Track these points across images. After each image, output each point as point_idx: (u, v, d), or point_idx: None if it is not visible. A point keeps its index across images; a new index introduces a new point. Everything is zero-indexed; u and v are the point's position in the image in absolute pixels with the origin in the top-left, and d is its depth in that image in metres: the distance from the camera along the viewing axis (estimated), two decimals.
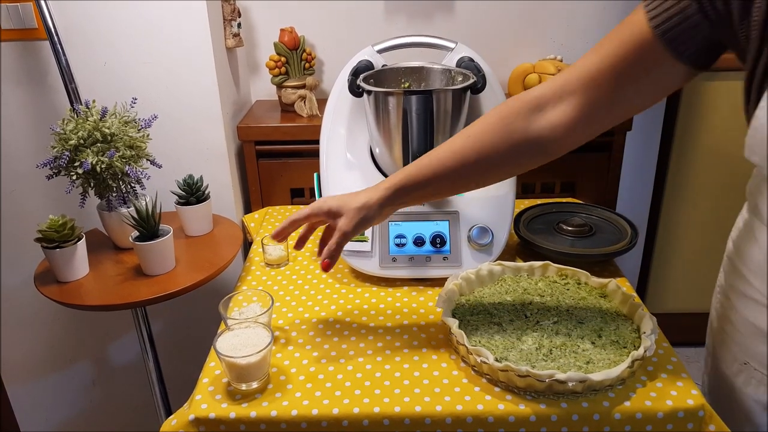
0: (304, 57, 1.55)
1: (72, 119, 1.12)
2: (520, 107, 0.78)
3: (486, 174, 0.82)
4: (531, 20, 1.62)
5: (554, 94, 0.76)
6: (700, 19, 0.66)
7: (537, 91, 0.78)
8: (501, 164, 0.81)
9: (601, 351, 0.84)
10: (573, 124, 0.76)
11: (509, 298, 0.97)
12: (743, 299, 0.83)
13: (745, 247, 0.83)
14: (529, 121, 0.77)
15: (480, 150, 0.79)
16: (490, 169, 0.81)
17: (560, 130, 0.77)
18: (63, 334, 1.60)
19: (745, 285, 0.83)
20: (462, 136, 0.81)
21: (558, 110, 0.76)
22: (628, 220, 1.19)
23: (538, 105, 0.77)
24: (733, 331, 0.86)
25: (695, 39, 0.68)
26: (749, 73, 0.67)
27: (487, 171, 0.82)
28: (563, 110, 0.76)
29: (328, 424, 0.79)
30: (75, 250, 1.10)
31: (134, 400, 1.71)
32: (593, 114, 0.75)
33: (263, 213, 1.41)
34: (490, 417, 0.78)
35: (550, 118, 0.77)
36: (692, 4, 0.66)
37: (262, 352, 0.81)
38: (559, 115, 0.76)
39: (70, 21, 1.28)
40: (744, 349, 0.83)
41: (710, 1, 0.65)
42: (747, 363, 0.83)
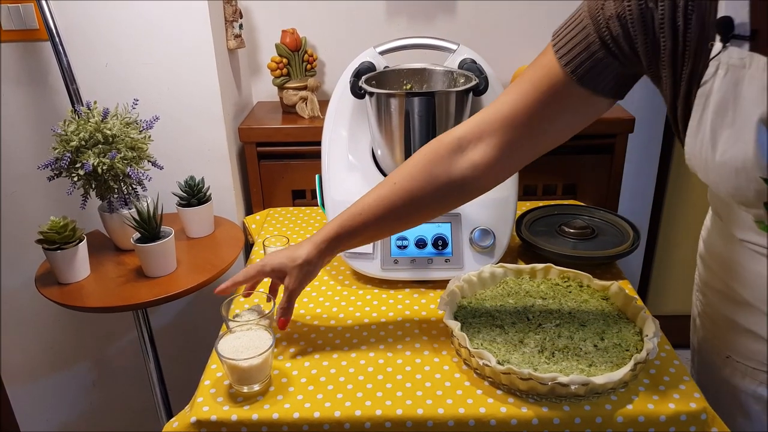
0: (305, 58, 1.54)
1: (73, 120, 1.12)
2: (442, 150, 0.80)
3: (414, 216, 0.85)
4: (533, 21, 1.62)
5: (473, 135, 0.78)
6: (610, 59, 0.69)
7: (458, 131, 0.80)
8: (428, 206, 0.83)
9: (604, 354, 0.84)
10: (493, 163, 0.78)
11: (511, 300, 0.97)
12: (718, 296, 0.86)
13: (713, 246, 0.86)
14: (451, 163, 0.79)
15: (406, 195, 0.81)
16: (418, 212, 0.84)
17: (481, 169, 0.78)
18: (63, 336, 1.60)
19: (718, 282, 0.86)
20: (389, 182, 0.83)
21: (478, 150, 0.78)
22: (630, 222, 1.19)
23: (459, 146, 0.79)
24: (712, 326, 0.89)
25: (608, 76, 0.70)
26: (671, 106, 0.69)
27: (415, 213, 0.84)
28: (483, 150, 0.78)
29: (329, 426, 0.79)
30: (76, 251, 1.10)
31: (135, 401, 1.70)
32: (513, 152, 0.77)
33: (264, 214, 1.41)
34: (493, 420, 0.78)
35: (472, 158, 0.78)
36: (599, 46, 0.68)
37: (263, 355, 0.81)
38: (480, 154, 0.78)
39: (72, 22, 1.28)
40: (724, 343, 0.86)
41: (616, 43, 0.67)
42: (729, 356, 0.86)
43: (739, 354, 0.84)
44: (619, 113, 1.48)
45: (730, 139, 0.62)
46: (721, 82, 0.61)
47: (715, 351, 0.89)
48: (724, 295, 0.85)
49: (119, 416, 1.74)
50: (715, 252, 0.87)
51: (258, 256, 1.20)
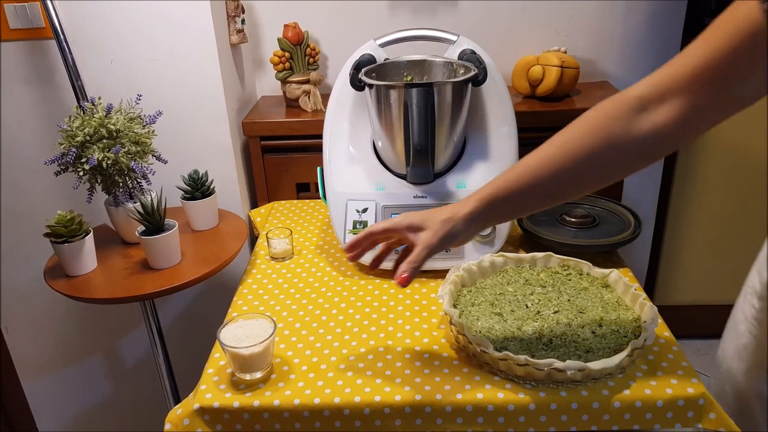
0: (307, 52, 1.55)
1: (78, 116, 1.14)
2: (620, 109, 0.70)
3: (584, 181, 0.74)
4: (534, 12, 1.62)
5: (658, 93, 0.69)
6: None
7: (638, 90, 0.70)
8: (600, 171, 0.73)
9: (602, 340, 0.85)
10: (679, 125, 0.68)
11: (511, 288, 0.98)
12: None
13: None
14: (630, 124, 0.69)
15: (578, 156, 0.71)
16: (589, 177, 0.73)
17: (666, 131, 0.69)
18: (75, 330, 1.63)
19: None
20: (556, 142, 0.73)
21: (663, 110, 0.68)
22: (631, 211, 1.19)
23: (640, 105, 0.69)
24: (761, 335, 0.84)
25: None
26: None
27: (585, 178, 0.73)
28: (669, 110, 0.68)
29: (330, 412, 0.80)
30: (83, 244, 1.12)
31: (145, 393, 1.73)
32: (700, 113, 0.68)
33: (269, 208, 1.42)
34: (490, 405, 0.79)
35: (654, 119, 0.69)
36: None
37: (264, 343, 0.83)
38: (665, 115, 0.68)
39: (77, 20, 1.30)
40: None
41: None
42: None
43: None
44: None
45: None
46: None
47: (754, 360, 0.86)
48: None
49: (130, 408, 1.77)
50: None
51: (262, 249, 1.22)
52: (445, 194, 1.11)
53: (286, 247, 1.18)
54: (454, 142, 1.11)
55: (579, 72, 1.52)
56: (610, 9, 1.61)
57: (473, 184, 1.11)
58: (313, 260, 1.17)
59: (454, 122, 1.08)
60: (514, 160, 1.12)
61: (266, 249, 1.20)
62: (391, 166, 1.14)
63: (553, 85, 1.48)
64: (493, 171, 1.11)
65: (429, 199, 1.11)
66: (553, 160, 0.72)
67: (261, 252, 1.21)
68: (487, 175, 1.11)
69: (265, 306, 1.03)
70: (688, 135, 0.70)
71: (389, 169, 1.14)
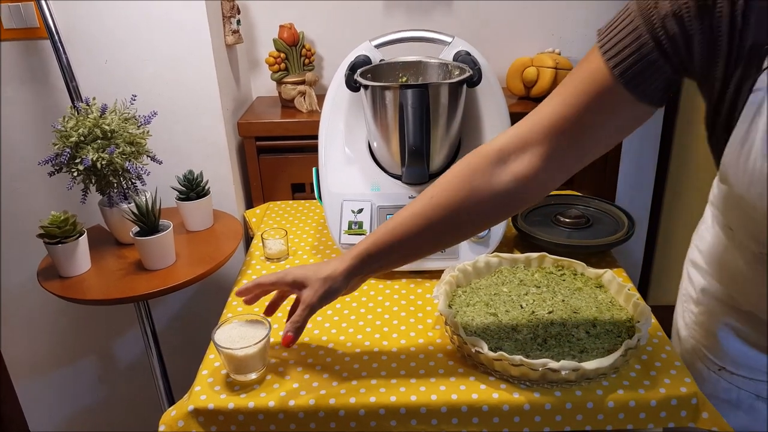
0: (303, 53, 1.55)
1: (72, 116, 1.13)
2: (482, 162, 0.75)
3: (452, 233, 0.79)
4: (529, 14, 1.62)
5: (516, 145, 0.74)
6: (662, 62, 0.64)
7: (498, 142, 0.75)
8: (467, 222, 0.77)
9: (596, 340, 0.85)
10: (538, 174, 0.73)
11: (505, 289, 0.98)
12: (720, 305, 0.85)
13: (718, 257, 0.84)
14: (492, 175, 0.74)
15: (444, 210, 0.76)
16: (457, 228, 0.78)
17: (525, 181, 0.73)
18: (68, 331, 1.62)
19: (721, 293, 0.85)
20: (425, 197, 0.77)
21: (522, 161, 0.73)
22: (625, 212, 1.20)
23: (500, 157, 0.74)
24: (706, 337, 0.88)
25: (657, 80, 0.66)
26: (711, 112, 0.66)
27: (453, 230, 0.78)
28: (528, 160, 0.73)
29: (324, 414, 0.80)
30: (77, 245, 1.12)
31: (139, 395, 1.73)
32: (557, 162, 0.73)
33: (264, 208, 1.42)
34: (485, 406, 0.79)
35: (514, 169, 0.74)
36: (652, 47, 0.63)
37: (259, 344, 0.83)
38: (523, 165, 0.73)
39: (71, 20, 1.30)
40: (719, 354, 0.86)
41: (672, 43, 0.62)
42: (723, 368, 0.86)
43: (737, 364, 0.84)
44: None
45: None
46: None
47: (706, 363, 0.88)
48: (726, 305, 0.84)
49: (124, 409, 1.76)
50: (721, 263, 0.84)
51: (257, 249, 1.22)
52: None
53: (282, 248, 1.18)
54: (449, 143, 1.11)
55: None
56: (605, 10, 1.61)
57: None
58: (309, 261, 1.17)
59: (449, 123, 1.08)
60: None
61: (261, 249, 1.20)
62: (386, 166, 1.14)
63: (548, 86, 1.48)
64: None
65: None
66: (422, 215, 0.76)
67: (256, 253, 1.21)
68: None
69: (260, 307, 1.03)
70: (546, 184, 0.75)
71: (385, 169, 1.14)
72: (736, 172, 0.63)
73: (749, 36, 0.58)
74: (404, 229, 0.77)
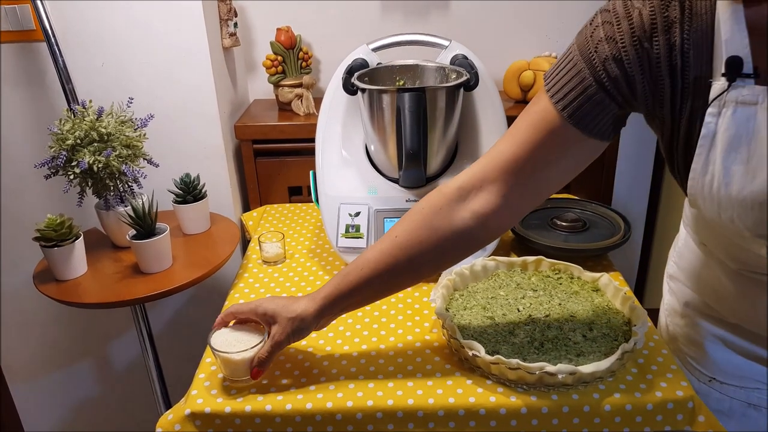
0: (300, 56, 1.56)
1: (69, 119, 1.13)
2: (443, 200, 0.77)
3: (418, 270, 0.80)
4: (526, 17, 1.63)
5: (474, 183, 0.76)
6: (608, 101, 0.67)
7: (458, 180, 0.78)
8: (431, 260, 0.79)
9: (592, 344, 0.85)
10: (496, 210, 0.75)
11: (502, 292, 0.98)
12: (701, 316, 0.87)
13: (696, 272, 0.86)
14: (452, 214, 0.77)
15: (407, 249, 0.77)
16: (420, 266, 0.79)
17: (483, 219, 0.76)
18: (65, 334, 1.62)
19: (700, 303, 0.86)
20: (390, 236, 0.79)
21: (480, 199, 0.76)
22: (621, 215, 1.20)
23: (459, 196, 0.77)
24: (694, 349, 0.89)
25: (605, 117, 0.68)
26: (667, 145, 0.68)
27: (419, 268, 0.80)
28: (485, 198, 0.75)
29: (322, 418, 0.80)
30: (73, 248, 1.11)
31: (135, 398, 1.72)
32: (515, 198, 0.75)
33: (261, 211, 1.42)
34: (482, 409, 0.79)
35: (473, 207, 0.76)
36: (596, 88, 0.66)
37: (255, 348, 0.82)
38: (481, 203, 0.76)
39: (68, 22, 1.29)
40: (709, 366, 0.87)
41: (614, 85, 0.65)
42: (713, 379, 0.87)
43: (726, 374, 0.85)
44: None
45: (747, 175, 0.61)
46: (731, 119, 0.60)
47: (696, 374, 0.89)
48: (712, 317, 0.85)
49: (120, 412, 1.76)
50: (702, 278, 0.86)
51: (254, 252, 1.22)
52: None
53: (278, 251, 1.18)
54: (446, 147, 1.11)
55: None
56: None
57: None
58: (306, 264, 1.17)
59: (446, 126, 1.08)
60: None
61: (258, 253, 1.20)
62: (383, 169, 1.14)
63: None
64: None
65: None
66: (388, 254, 0.78)
67: (253, 256, 1.21)
68: None
69: None
70: (505, 219, 0.78)
71: (382, 172, 1.14)
72: (703, 199, 0.65)
73: (690, 72, 0.62)
74: (370, 268, 0.79)
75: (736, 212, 0.63)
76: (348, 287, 0.80)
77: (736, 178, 0.61)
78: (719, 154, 0.62)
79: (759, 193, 0.60)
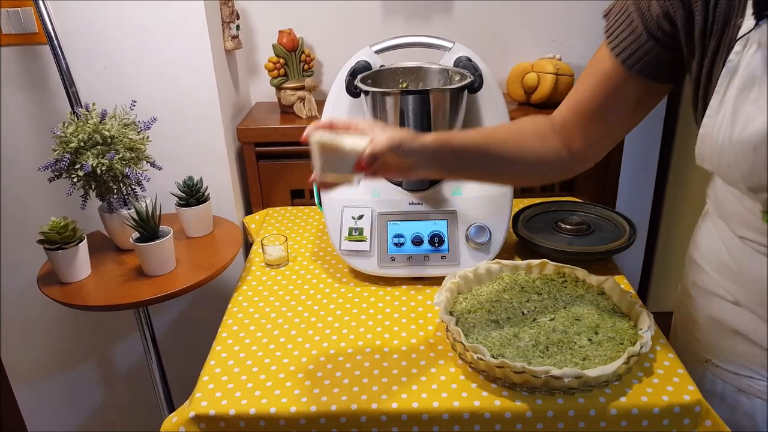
0: (302, 58, 1.55)
1: (72, 122, 1.13)
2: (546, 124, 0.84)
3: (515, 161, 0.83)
4: (529, 19, 1.62)
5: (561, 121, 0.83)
6: (653, 44, 0.71)
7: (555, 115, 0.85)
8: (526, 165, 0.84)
9: (598, 347, 0.85)
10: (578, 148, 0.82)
11: (506, 295, 0.98)
12: (707, 297, 0.86)
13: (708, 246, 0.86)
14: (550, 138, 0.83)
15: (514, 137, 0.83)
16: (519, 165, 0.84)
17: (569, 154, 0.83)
18: (68, 336, 1.62)
19: (709, 283, 0.85)
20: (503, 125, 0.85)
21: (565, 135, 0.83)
22: (626, 218, 1.20)
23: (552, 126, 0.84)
24: (695, 329, 0.89)
25: (658, 61, 0.73)
26: (694, 83, 0.71)
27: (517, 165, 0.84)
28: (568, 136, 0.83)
29: (326, 420, 0.80)
30: (77, 251, 1.11)
31: (139, 400, 1.72)
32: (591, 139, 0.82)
33: (264, 214, 1.42)
34: (487, 413, 0.79)
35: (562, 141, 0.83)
36: (642, 31, 0.71)
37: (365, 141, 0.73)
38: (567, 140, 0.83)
39: (70, 25, 1.29)
40: (706, 347, 0.86)
41: (657, 24, 0.70)
42: (709, 360, 0.86)
43: (721, 358, 0.84)
44: None
45: (751, 116, 0.62)
46: (751, 59, 0.62)
47: (694, 355, 0.89)
48: (715, 296, 0.85)
49: (123, 415, 1.76)
50: (710, 252, 0.86)
51: (257, 255, 1.21)
52: (440, 201, 1.11)
53: (281, 254, 1.17)
54: None
55: (574, 79, 1.53)
56: None
57: (468, 191, 1.11)
58: (308, 267, 1.17)
59: (449, 129, 1.08)
60: None
61: (261, 256, 1.19)
62: None
63: (548, 92, 1.48)
64: None
65: (425, 206, 1.11)
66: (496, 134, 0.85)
67: (256, 259, 1.21)
68: None
69: (260, 313, 1.03)
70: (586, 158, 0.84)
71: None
72: (710, 144, 0.67)
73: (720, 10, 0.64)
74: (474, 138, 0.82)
75: (734, 156, 0.64)
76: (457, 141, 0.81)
77: (742, 118, 0.63)
78: (733, 93, 0.63)
79: (756, 134, 0.61)
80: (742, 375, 0.82)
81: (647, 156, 1.82)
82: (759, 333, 0.78)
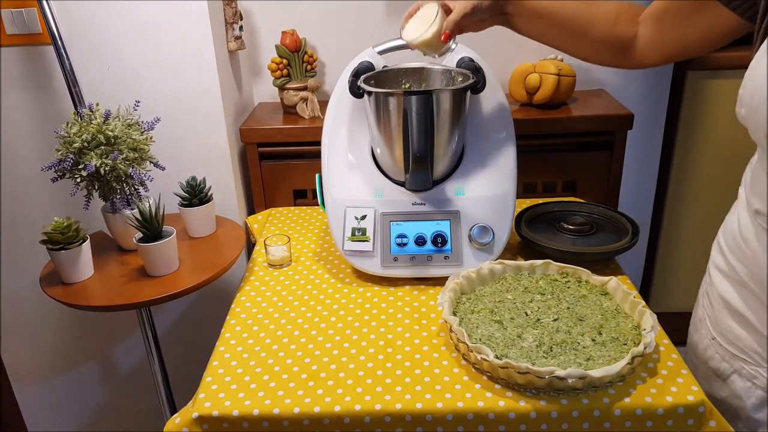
0: (305, 59, 1.55)
1: (76, 122, 1.13)
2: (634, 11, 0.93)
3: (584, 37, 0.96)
4: None
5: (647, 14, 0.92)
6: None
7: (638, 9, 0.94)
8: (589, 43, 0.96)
9: (602, 348, 0.85)
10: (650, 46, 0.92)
11: (510, 296, 0.98)
12: (720, 275, 0.87)
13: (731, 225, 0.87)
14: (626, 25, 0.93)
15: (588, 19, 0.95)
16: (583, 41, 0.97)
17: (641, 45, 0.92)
18: (70, 337, 1.62)
19: (722, 261, 0.86)
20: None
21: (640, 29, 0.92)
22: (629, 219, 1.19)
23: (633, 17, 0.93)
24: (710, 308, 0.89)
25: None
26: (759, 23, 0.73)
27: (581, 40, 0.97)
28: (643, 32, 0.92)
29: (330, 421, 0.80)
30: (80, 251, 1.11)
31: (140, 401, 1.72)
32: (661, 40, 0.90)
33: (266, 214, 1.42)
34: (491, 414, 0.79)
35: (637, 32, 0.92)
36: None
37: (438, 19, 1.00)
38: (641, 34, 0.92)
39: (74, 25, 1.30)
40: (714, 324, 0.87)
41: None
42: (714, 338, 0.86)
43: (723, 337, 0.85)
44: (617, 110, 1.49)
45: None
46: None
47: (705, 330, 0.90)
48: (726, 275, 0.85)
49: (125, 416, 1.76)
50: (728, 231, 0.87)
51: (260, 256, 1.21)
52: (443, 201, 1.11)
53: (284, 254, 1.17)
54: (452, 150, 1.11)
55: (575, 80, 1.53)
56: None
57: (472, 191, 1.11)
58: (311, 267, 1.17)
59: (452, 130, 1.08)
60: (513, 167, 1.12)
61: (264, 256, 1.19)
62: (389, 173, 1.14)
63: (550, 93, 1.48)
64: (492, 178, 1.11)
65: (428, 206, 1.11)
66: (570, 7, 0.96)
67: (258, 259, 1.21)
68: (485, 182, 1.11)
69: (263, 313, 1.03)
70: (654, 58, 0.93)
71: (388, 176, 1.14)
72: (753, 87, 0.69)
73: None
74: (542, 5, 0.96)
75: None
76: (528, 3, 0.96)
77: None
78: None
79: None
80: (738, 357, 0.83)
81: (649, 156, 1.82)
82: (759, 316, 0.78)
